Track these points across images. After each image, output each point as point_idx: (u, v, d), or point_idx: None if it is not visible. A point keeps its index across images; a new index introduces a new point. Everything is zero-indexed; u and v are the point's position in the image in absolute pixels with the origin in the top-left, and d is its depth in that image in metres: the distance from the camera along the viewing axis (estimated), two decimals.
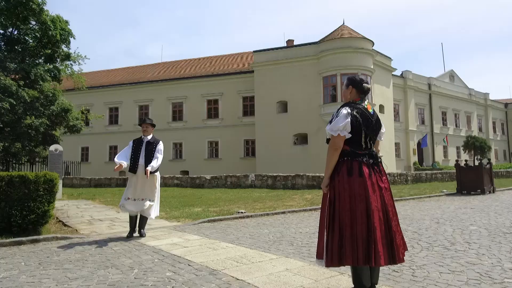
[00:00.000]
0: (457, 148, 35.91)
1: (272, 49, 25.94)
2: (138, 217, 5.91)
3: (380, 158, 3.05)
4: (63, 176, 15.90)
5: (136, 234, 5.85)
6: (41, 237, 5.59)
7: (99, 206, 9.77)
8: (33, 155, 17.36)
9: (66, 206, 9.52)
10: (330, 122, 2.96)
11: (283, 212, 8.45)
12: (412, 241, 5.14)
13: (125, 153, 5.94)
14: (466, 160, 22.57)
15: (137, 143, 5.98)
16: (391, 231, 2.83)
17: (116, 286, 3.38)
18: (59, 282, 3.55)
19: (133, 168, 5.84)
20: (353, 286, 2.97)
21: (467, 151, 31.38)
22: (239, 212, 8.01)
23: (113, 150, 31.22)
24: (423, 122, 34.45)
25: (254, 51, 26.57)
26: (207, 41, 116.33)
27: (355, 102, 3.05)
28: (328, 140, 3.01)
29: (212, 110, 29.25)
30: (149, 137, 6.02)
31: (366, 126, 2.94)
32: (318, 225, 3.11)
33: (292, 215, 8.25)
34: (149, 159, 5.80)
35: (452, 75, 38.89)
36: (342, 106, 3.00)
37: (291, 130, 24.57)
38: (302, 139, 24.78)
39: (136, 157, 5.86)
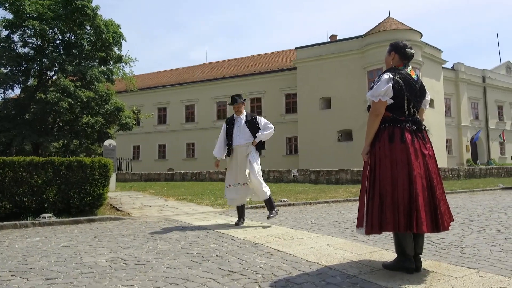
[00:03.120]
0: None
1: (315, 45, 25.71)
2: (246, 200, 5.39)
3: (425, 126, 2.97)
4: (116, 172, 16.83)
5: (243, 223, 5.25)
6: (96, 217, 6.01)
7: (149, 196, 10.25)
8: (90, 152, 18.57)
9: (119, 196, 10.09)
10: (371, 88, 2.92)
11: (326, 202, 8.37)
12: (463, 225, 4.92)
13: (220, 142, 5.34)
14: None
15: (230, 123, 5.33)
16: (435, 198, 2.75)
17: (164, 254, 3.57)
18: (113, 250, 3.82)
19: (227, 151, 5.28)
20: (396, 256, 2.92)
21: None
22: (281, 201, 8.05)
23: (162, 149, 32.50)
24: (477, 117, 32.46)
25: (297, 48, 26.48)
26: (250, 42, 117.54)
27: (398, 68, 2.98)
28: (369, 108, 2.97)
29: (255, 108, 29.51)
30: (243, 115, 5.36)
31: (409, 92, 2.87)
32: (359, 195, 3.08)
33: (336, 204, 8.16)
34: (249, 137, 5.20)
35: (509, 67, 36.30)
36: (384, 72, 2.95)
37: (335, 126, 24.19)
38: (346, 135, 24.30)
39: (229, 139, 5.25)
